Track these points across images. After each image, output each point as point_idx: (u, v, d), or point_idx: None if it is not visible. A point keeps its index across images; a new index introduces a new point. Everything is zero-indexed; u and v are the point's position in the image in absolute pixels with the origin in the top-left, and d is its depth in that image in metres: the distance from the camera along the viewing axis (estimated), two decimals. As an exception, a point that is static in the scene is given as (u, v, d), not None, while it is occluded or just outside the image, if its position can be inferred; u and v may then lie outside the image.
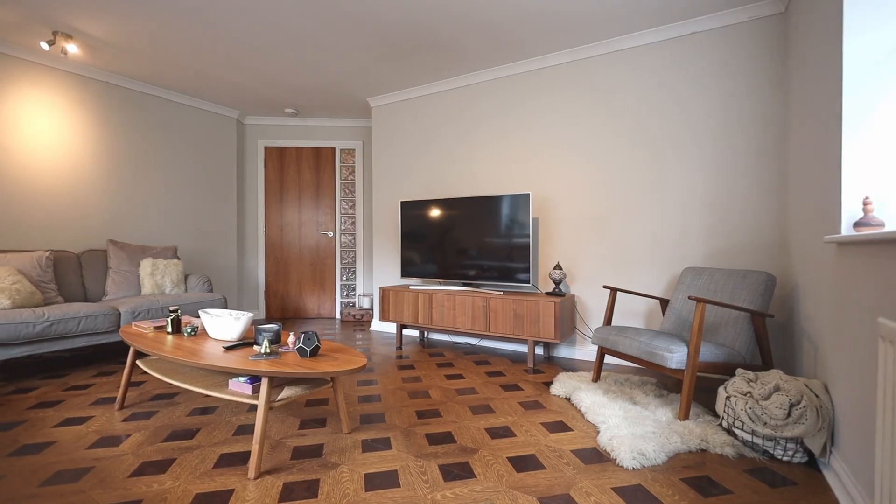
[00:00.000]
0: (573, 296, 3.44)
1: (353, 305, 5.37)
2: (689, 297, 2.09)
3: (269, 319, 5.25)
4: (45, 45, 3.13)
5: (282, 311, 5.40)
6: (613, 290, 2.78)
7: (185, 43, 3.35)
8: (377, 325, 4.67)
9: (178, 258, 4.05)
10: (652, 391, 2.52)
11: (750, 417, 1.80)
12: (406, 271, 4.04)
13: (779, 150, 2.79)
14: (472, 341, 4.00)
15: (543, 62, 3.60)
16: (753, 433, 1.81)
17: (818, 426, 1.66)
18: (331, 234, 5.36)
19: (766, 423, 1.76)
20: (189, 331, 2.28)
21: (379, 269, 4.69)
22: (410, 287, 3.82)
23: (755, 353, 2.42)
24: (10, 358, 2.67)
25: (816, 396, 1.72)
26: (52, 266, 3.28)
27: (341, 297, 5.39)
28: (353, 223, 5.39)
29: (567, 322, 3.26)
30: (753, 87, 2.87)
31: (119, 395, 2.35)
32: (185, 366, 2.20)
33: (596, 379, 2.72)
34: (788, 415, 1.70)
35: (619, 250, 3.32)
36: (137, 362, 2.34)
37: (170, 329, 2.34)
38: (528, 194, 3.35)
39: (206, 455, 1.83)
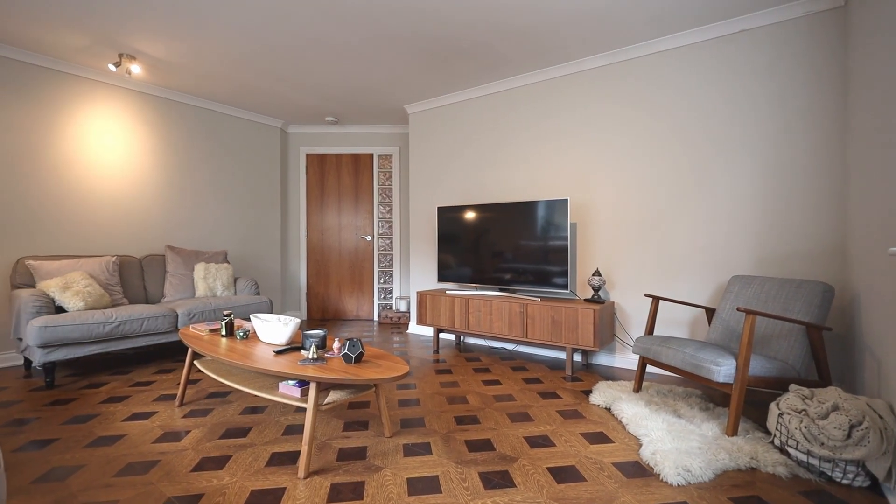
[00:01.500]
0: (612, 302, 3.38)
1: (391, 308, 5.48)
2: (738, 309, 2.02)
3: (310, 320, 5.45)
4: (112, 67, 3.39)
5: (322, 312, 5.58)
6: (656, 299, 2.72)
7: (233, 59, 3.54)
8: (414, 328, 4.75)
9: (228, 262, 4.28)
10: (697, 404, 2.45)
11: (805, 437, 1.72)
12: (443, 276, 4.09)
13: (837, 151, 2.64)
14: (509, 346, 4.00)
15: (580, 66, 3.56)
16: (809, 453, 1.72)
17: (882, 449, 1.57)
18: (369, 237, 5.50)
19: (823, 444, 1.68)
20: (241, 334, 2.42)
21: (415, 273, 4.77)
22: (447, 292, 3.87)
23: (810, 368, 2.30)
24: (83, 355, 2.91)
25: (880, 417, 1.62)
26: (117, 270, 3.55)
27: (379, 299, 5.52)
28: (390, 227, 5.50)
29: (606, 329, 3.20)
30: (808, 85, 2.72)
31: (179, 392, 2.52)
32: (239, 368, 2.34)
33: (637, 389, 2.66)
34: (848, 436, 1.62)
35: (661, 257, 3.23)
36: (195, 363, 2.51)
37: (224, 332, 2.49)
38: (566, 199, 3.31)
39: (259, 453, 1.94)
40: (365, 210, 5.52)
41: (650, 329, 2.71)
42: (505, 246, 3.69)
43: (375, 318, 5.53)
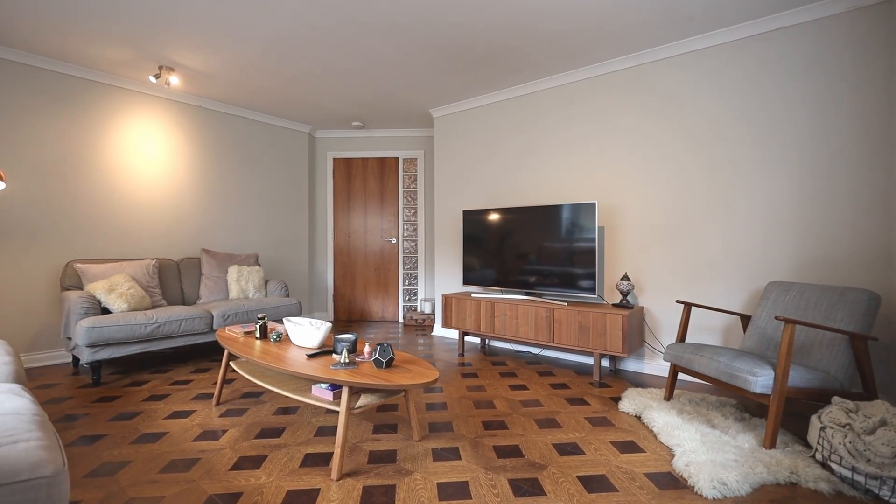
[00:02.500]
0: (642, 307, 3.32)
1: (415, 310, 5.53)
2: (778, 318, 1.96)
3: (336, 321, 5.55)
4: (152, 79, 3.54)
5: (348, 314, 5.68)
6: (688, 306, 2.66)
7: (264, 68, 3.64)
8: (439, 330, 4.78)
9: (259, 265, 4.41)
10: (732, 414, 2.38)
11: (850, 453, 1.66)
12: (468, 279, 4.10)
13: (883, 152, 2.52)
14: (535, 350, 3.98)
15: (607, 67, 3.51)
16: (854, 470, 1.66)
17: (935, 468, 1.50)
18: (394, 240, 5.56)
19: (869, 461, 1.61)
20: (275, 337, 2.49)
21: (440, 276, 4.80)
22: (472, 295, 3.88)
23: (854, 379, 2.21)
24: (126, 355, 3.06)
25: (933, 434, 1.55)
26: (157, 272, 3.71)
27: (403, 301, 5.57)
28: (415, 230, 5.55)
29: (635, 335, 3.15)
30: (852, 83, 2.61)
31: (216, 392, 2.62)
32: (273, 370, 2.41)
33: (668, 397, 2.61)
34: (897, 453, 1.55)
35: (693, 261, 3.16)
36: (231, 363, 2.60)
37: (258, 335, 2.57)
38: (594, 203, 3.28)
39: (293, 454, 2.00)
40: (390, 213, 5.59)
41: (682, 336, 2.66)
42: (531, 249, 3.67)
43: (400, 319, 5.59)
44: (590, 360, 3.63)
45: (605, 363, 3.55)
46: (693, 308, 3.13)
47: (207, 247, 4.50)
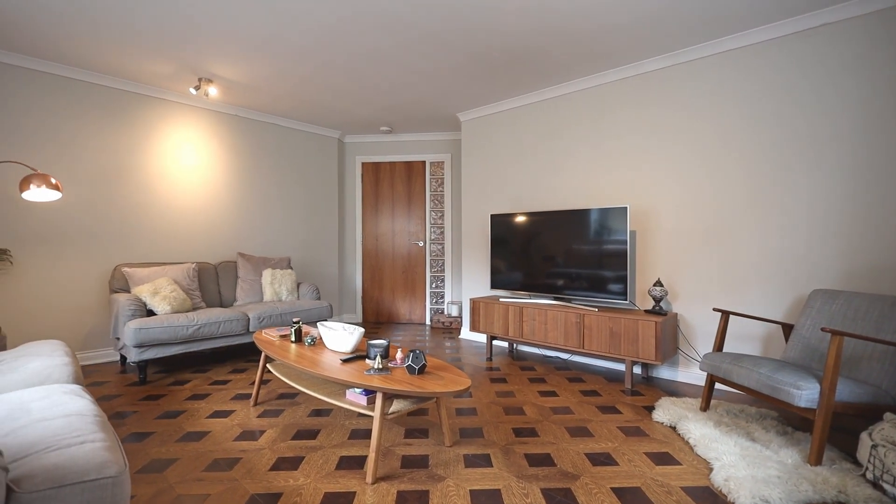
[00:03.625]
0: (675, 314, 3.24)
1: (442, 312, 5.56)
2: (823, 330, 1.88)
3: (365, 323, 5.64)
4: (192, 90, 3.70)
5: (376, 316, 5.77)
6: (725, 314, 2.58)
7: (296, 77, 3.75)
8: (466, 333, 4.80)
9: (291, 268, 4.53)
10: (773, 427, 2.30)
11: (904, 473, 1.58)
12: (496, 283, 4.10)
13: (941, 153, 2.38)
14: (563, 356, 3.94)
15: (639, 68, 3.44)
16: (909, 491, 1.58)
17: None
18: (421, 243, 5.61)
19: (926, 483, 1.53)
20: (309, 341, 2.57)
21: (467, 279, 4.81)
22: (501, 299, 3.88)
23: (908, 394, 2.09)
24: (168, 355, 3.21)
25: None
26: (197, 276, 3.87)
27: (430, 303, 5.61)
28: (442, 233, 5.58)
29: (669, 342, 3.08)
30: (905, 81, 2.48)
31: (254, 392, 2.72)
32: (308, 374, 2.48)
33: (705, 408, 2.54)
34: (958, 476, 1.47)
35: (731, 267, 3.06)
36: (267, 366, 2.70)
37: (293, 338, 2.65)
38: (626, 207, 3.22)
39: (329, 456, 2.06)
40: (417, 216, 5.64)
41: (719, 345, 2.58)
42: (560, 254, 3.64)
43: (427, 322, 5.64)
44: (621, 367, 3.57)
45: (637, 370, 3.49)
46: (731, 316, 3.03)
47: (243, 250, 4.67)
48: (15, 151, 3.31)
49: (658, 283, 3.19)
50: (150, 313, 3.39)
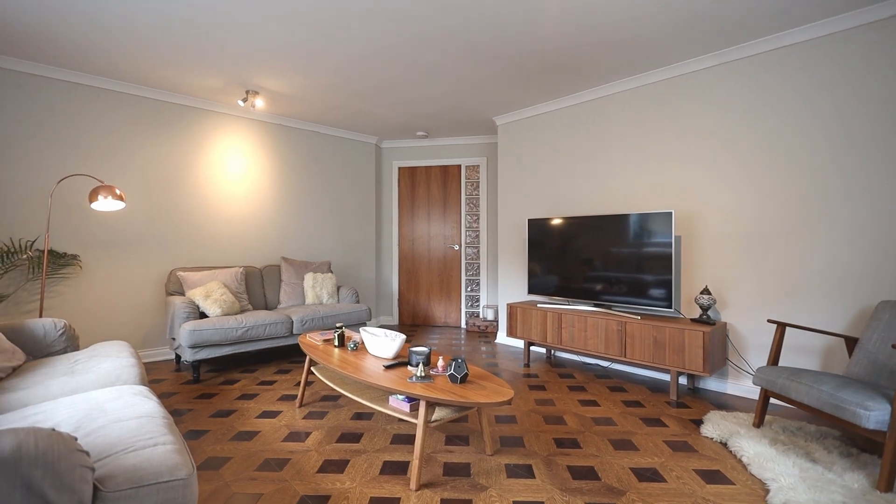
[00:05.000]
0: (724, 323, 3.10)
1: (478, 316, 5.56)
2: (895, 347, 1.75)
3: (401, 325, 5.72)
4: (240, 103, 3.88)
5: (412, 318, 5.84)
6: (781, 326, 2.45)
7: (337, 87, 3.85)
8: (502, 338, 4.78)
9: (332, 272, 4.66)
10: (835, 447, 2.17)
11: None
12: (533, 288, 4.06)
13: None
14: (603, 363, 3.86)
15: (685, 68, 3.32)
16: None
17: None
18: (456, 247, 5.64)
19: None
20: (352, 346, 2.64)
21: (503, 283, 4.79)
22: (538, 305, 3.84)
23: None
24: (219, 356, 3.37)
25: None
26: (244, 279, 4.05)
27: (466, 307, 5.63)
28: (477, 236, 5.58)
29: (718, 353, 2.96)
30: None
31: (299, 394, 2.82)
32: (352, 380, 2.55)
33: (758, 424, 2.42)
34: None
35: (787, 275, 2.90)
36: (311, 369, 2.79)
37: (336, 343, 2.73)
38: (671, 213, 3.12)
39: (373, 461, 2.11)
40: (453, 220, 5.67)
41: (774, 359, 2.45)
42: (600, 260, 3.56)
43: (463, 325, 5.65)
44: (665, 377, 3.46)
45: (683, 381, 3.36)
46: (787, 327, 2.87)
47: (286, 255, 4.84)
48: (83, 164, 3.58)
49: (705, 291, 3.06)
50: (203, 315, 3.58)
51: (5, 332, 2.27)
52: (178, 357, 3.80)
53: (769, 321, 2.47)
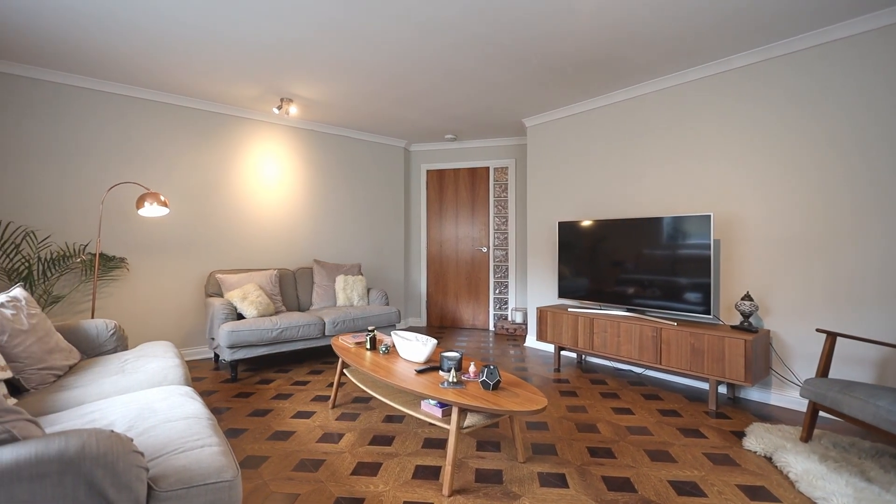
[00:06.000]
0: (768, 331, 2.97)
1: (506, 319, 5.52)
2: (962, 362, 1.63)
3: (429, 327, 5.75)
4: (275, 110, 4.00)
5: (440, 320, 5.86)
6: (832, 336, 2.32)
7: (368, 93, 3.91)
8: (531, 342, 4.73)
9: (362, 274, 4.73)
10: (893, 467, 2.03)
11: None
12: (563, 292, 4.00)
13: None
14: (637, 370, 3.76)
15: (725, 65, 3.19)
16: None
17: None
18: (484, 249, 5.62)
19: None
20: (383, 349, 2.67)
21: (532, 286, 4.74)
22: (569, 309, 3.78)
23: None
24: (255, 356, 3.48)
25: None
26: (278, 281, 4.17)
27: (494, 309, 5.60)
28: (506, 239, 5.55)
29: (760, 362, 2.83)
30: None
31: (332, 395, 2.88)
32: (384, 383, 2.58)
33: (806, 438, 2.31)
34: None
35: (837, 281, 2.75)
36: (344, 371, 2.84)
37: (368, 346, 2.77)
38: (709, 216, 3.01)
39: (405, 464, 2.13)
40: (481, 222, 5.65)
41: (823, 370, 2.33)
42: (634, 264, 3.47)
43: (491, 328, 5.63)
44: (703, 385, 3.34)
45: (722, 390, 3.24)
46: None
47: (318, 257, 4.95)
48: (130, 172, 3.77)
49: (747, 297, 2.94)
50: (240, 316, 3.70)
51: (63, 332, 2.42)
52: (216, 356, 3.94)
53: (818, 330, 2.34)
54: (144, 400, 1.67)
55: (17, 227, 3.28)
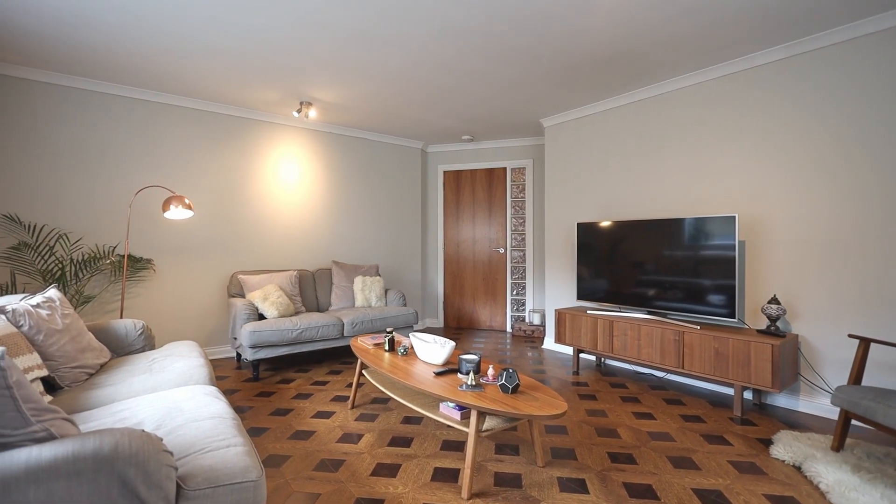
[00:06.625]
0: (796, 336, 2.88)
1: (524, 320, 5.49)
2: None
3: (446, 328, 5.76)
4: (295, 114, 4.06)
5: (457, 321, 5.86)
6: (865, 341, 2.24)
7: (385, 96, 3.94)
8: (549, 344, 4.69)
9: (380, 275, 4.77)
10: (932, 478, 1.95)
11: None
12: (582, 294, 3.95)
13: None
14: (658, 374, 3.69)
15: (750, 62, 3.11)
16: None
17: None
18: (502, 250, 5.60)
19: None
20: (402, 351, 2.69)
21: (550, 287, 4.70)
22: (588, 311, 3.73)
23: None
24: (275, 356, 3.54)
25: None
26: (298, 282, 4.23)
27: (511, 311, 5.57)
28: (523, 240, 5.51)
29: (788, 368, 2.75)
30: None
31: (351, 396, 2.91)
32: (402, 385, 2.60)
33: (838, 448, 2.23)
34: None
35: (867, 284, 2.65)
36: (363, 372, 2.87)
37: (387, 347, 2.79)
38: (734, 216, 2.93)
39: (424, 466, 2.14)
40: (498, 223, 5.63)
41: (856, 377, 2.24)
42: (655, 266, 3.41)
43: (508, 329, 5.60)
44: (727, 391, 3.25)
45: (748, 395, 3.15)
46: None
47: (337, 258, 5.01)
48: (156, 176, 3.88)
49: (774, 301, 2.86)
50: (261, 316, 3.77)
51: (94, 332, 2.51)
52: (238, 355, 4.03)
53: (851, 336, 2.26)
54: (172, 399, 1.72)
55: (50, 230, 3.41)
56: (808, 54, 2.88)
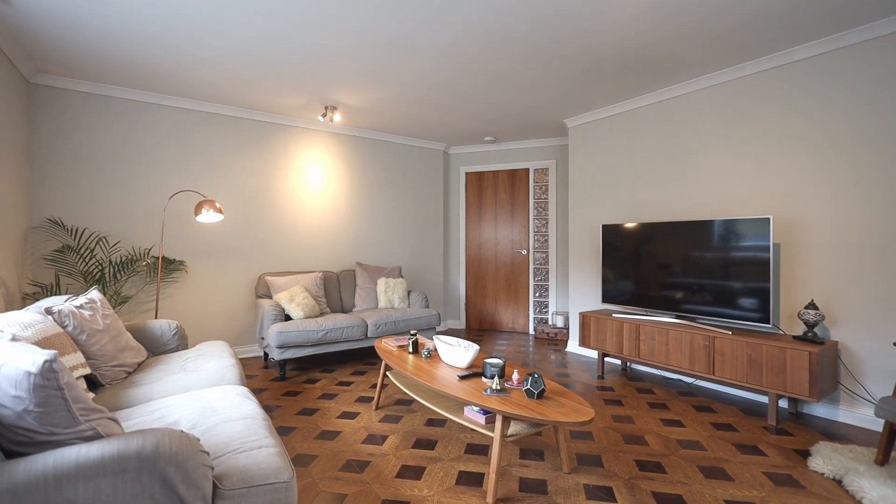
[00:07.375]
0: (835, 343, 2.76)
1: (546, 322, 5.43)
2: None
3: (468, 330, 5.76)
4: (320, 118, 4.14)
5: (479, 323, 5.85)
6: (912, 350, 2.13)
7: (410, 99, 3.96)
8: (573, 347, 4.63)
9: (402, 277, 4.81)
10: None
11: None
12: (607, 296, 3.89)
13: None
14: (687, 379, 3.59)
15: (786, 58, 2.99)
16: None
17: None
18: (524, 251, 5.56)
19: None
20: (425, 353, 2.70)
21: (574, 290, 4.64)
22: (614, 315, 3.67)
23: None
24: (301, 356, 3.61)
25: None
26: (322, 283, 4.30)
27: (534, 313, 5.53)
28: (546, 241, 5.46)
29: (827, 376, 2.63)
30: None
31: (375, 397, 2.94)
32: (427, 388, 2.61)
33: (882, 461, 2.12)
34: None
35: (916, 289, 2.51)
36: (387, 374, 2.90)
37: (410, 349, 2.81)
38: (768, 218, 2.83)
39: (448, 469, 2.14)
40: (520, 224, 5.59)
41: (902, 387, 2.13)
42: (685, 270, 3.32)
43: (531, 331, 5.56)
44: (761, 399, 3.14)
45: (783, 404, 3.04)
46: (916, 349, 2.49)
47: (360, 260, 5.07)
48: (188, 181, 4.01)
49: (811, 306, 2.74)
50: (288, 317, 3.85)
51: (132, 332, 2.61)
52: (265, 354, 4.13)
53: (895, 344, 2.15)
54: (206, 399, 1.78)
55: (91, 233, 3.57)
56: (849, 49, 2.75)
